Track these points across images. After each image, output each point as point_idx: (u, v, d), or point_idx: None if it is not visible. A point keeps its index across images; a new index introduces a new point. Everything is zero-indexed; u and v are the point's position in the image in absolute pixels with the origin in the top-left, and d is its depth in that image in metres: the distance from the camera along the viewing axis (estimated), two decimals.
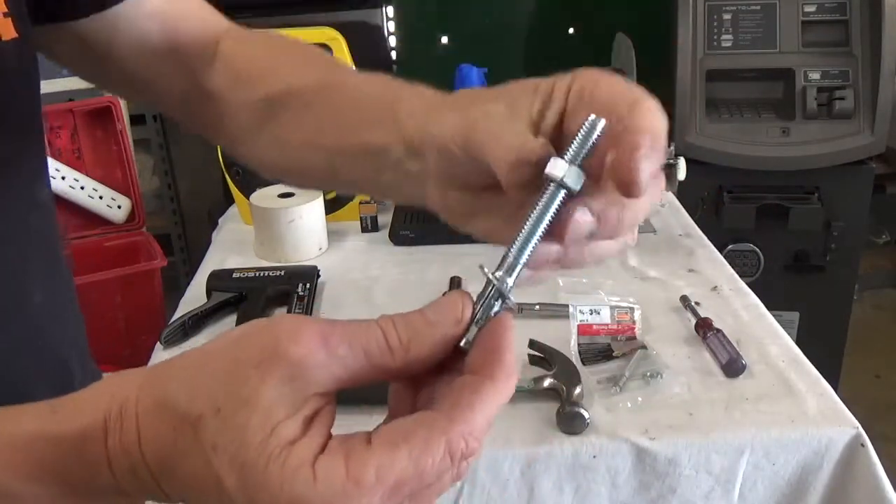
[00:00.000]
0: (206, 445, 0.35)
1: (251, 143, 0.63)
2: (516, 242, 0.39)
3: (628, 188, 0.38)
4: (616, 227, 0.41)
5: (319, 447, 0.35)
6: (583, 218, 0.39)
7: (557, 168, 0.38)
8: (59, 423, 0.38)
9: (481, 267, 0.40)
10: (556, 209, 0.39)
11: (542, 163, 0.39)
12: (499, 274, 0.39)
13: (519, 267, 0.39)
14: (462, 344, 0.38)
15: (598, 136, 0.39)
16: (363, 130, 0.53)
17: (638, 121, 0.39)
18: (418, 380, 0.40)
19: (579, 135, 0.39)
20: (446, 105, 0.47)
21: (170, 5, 0.66)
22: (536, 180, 0.39)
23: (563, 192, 0.38)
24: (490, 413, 0.36)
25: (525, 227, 0.39)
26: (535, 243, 0.39)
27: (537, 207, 0.39)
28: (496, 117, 0.42)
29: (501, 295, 0.39)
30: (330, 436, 0.36)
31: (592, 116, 0.39)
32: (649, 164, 0.38)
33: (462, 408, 0.36)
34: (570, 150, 0.39)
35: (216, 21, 0.69)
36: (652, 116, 0.40)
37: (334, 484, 0.34)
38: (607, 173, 0.39)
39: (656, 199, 0.42)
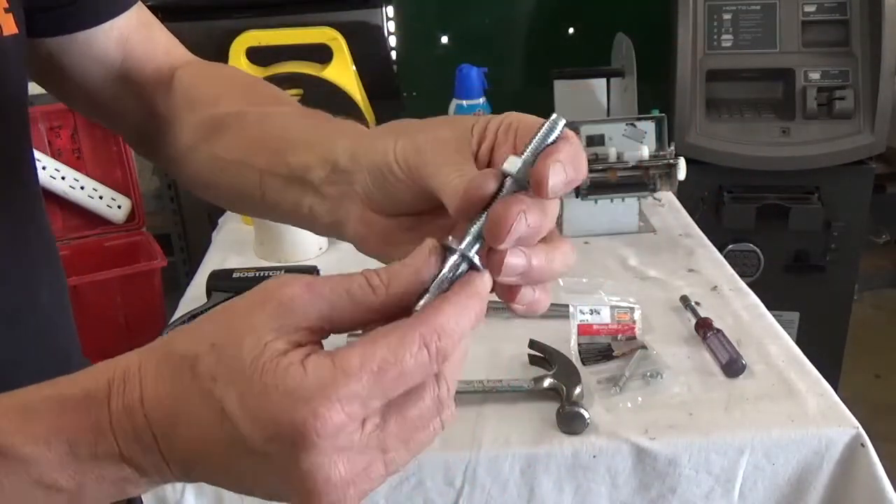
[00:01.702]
0: (204, 381, 0.38)
1: (191, 161, 0.65)
2: (477, 222, 0.41)
3: (540, 186, 0.40)
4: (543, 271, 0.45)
5: (307, 353, 0.38)
6: (515, 259, 0.43)
7: (512, 164, 0.40)
8: (64, 388, 0.40)
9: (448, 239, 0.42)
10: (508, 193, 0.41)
11: (487, 195, 0.41)
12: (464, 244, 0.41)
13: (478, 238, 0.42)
14: (428, 294, 0.41)
15: (558, 135, 0.41)
16: (290, 153, 0.55)
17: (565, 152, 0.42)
18: None
19: (539, 133, 0.41)
20: (385, 131, 0.49)
21: (136, 33, 0.69)
22: (478, 209, 0.42)
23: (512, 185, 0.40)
24: (460, 316, 0.40)
25: (482, 217, 0.41)
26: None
27: (495, 203, 0.40)
28: (448, 145, 0.45)
29: (465, 258, 0.41)
30: None
31: (554, 115, 0.41)
32: (562, 171, 0.40)
33: (432, 309, 0.40)
34: (529, 147, 0.40)
35: (177, 52, 0.72)
36: (569, 139, 0.42)
37: (323, 374, 0.36)
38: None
39: (569, 262, 0.47)
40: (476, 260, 0.42)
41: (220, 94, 0.66)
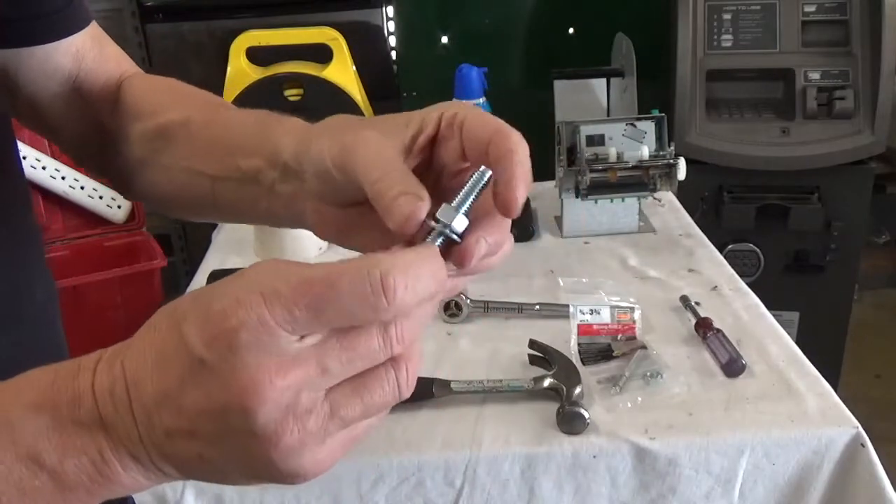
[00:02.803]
0: (177, 319, 0.38)
1: (142, 173, 0.67)
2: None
3: (509, 210, 0.44)
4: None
5: None
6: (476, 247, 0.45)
7: (445, 214, 0.42)
8: (59, 364, 0.41)
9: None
10: (442, 247, 0.43)
11: (416, 237, 0.43)
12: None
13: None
14: None
15: (485, 184, 0.44)
16: (239, 157, 0.57)
17: (507, 146, 0.45)
18: None
19: (468, 183, 0.44)
20: (322, 131, 0.51)
21: (90, 49, 0.70)
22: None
23: (450, 235, 0.43)
24: (413, 261, 0.38)
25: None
26: None
27: (427, 244, 0.43)
28: (370, 142, 0.46)
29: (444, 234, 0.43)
30: None
31: (482, 168, 0.44)
32: (484, 245, 0.44)
33: (382, 253, 0.39)
34: (459, 197, 0.43)
35: (125, 65, 0.73)
36: (522, 145, 0.46)
37: (258, 270, 0.38)
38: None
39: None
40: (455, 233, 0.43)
41: (163, 103, 0.67)
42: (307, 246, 1.42)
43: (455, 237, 0.42)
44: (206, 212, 0.64)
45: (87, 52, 0.69)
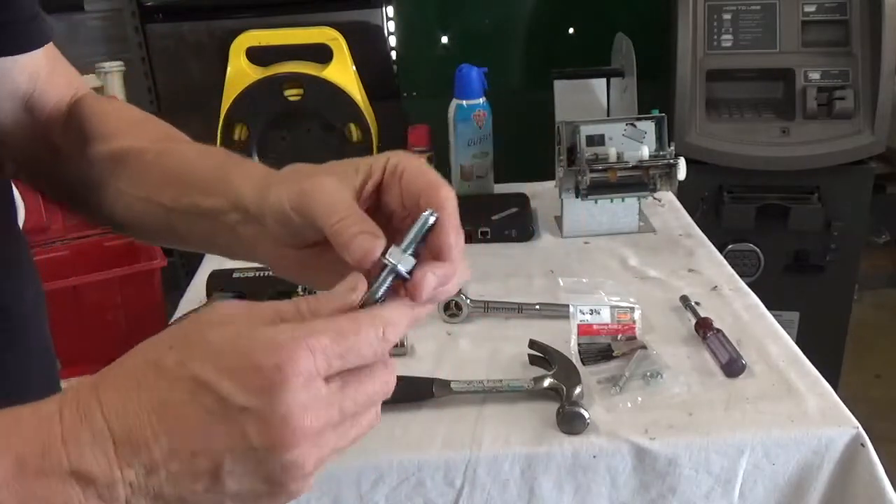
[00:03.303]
0: (171, 370, 0.41)
1: (97, 196, 0.68)
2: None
3: (415, 293, 0.48)
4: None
5: (276, 323, 0.43)
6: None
7: (393, 255, 0.47)
8: (18, 409, 0.42)
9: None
10: (388, 287, 0.48)
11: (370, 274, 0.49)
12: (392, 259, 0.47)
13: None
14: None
15: (430, 226, 0.49)
16: (197, 194, 0.60)
17: (437, 201, 0.51)
18: None
19: (414, 227, 0.49)
20: (280, 179, 0.55)
21: (45, 67, 0.70)
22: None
23: (395, 276, 0.47)
24: (403, 314, 0.45)
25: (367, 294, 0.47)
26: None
27: (376, 288, 0.47)
28: (327, 187, 0.51)
29: (395, 273, 0.47)
30: None
31: (427, 211, 0.49)
32: (434, 279, 0.48)
33: (379, 306, 0.46)
34: (406, 239, 0.48)
35: (76, 84, 0.74)
36: (450, 198, 0.51)
37: (294, 328, 0.42)
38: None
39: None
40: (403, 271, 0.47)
41: (118, 128, 0.69)
42: None
43: (404, 274, 0.47)
44: (167, 239, 0.66)
45: (42, 71, 0.70)
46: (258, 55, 1.53)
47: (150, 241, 0.71)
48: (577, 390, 0.96)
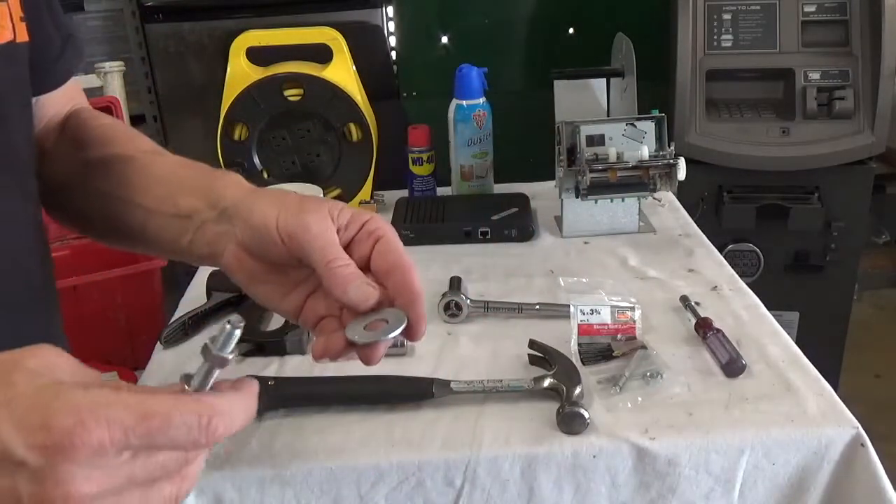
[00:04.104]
0: None
1: (74, 196, 0.72)
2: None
3: (414, 337, 0.59)
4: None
5: (89, 384, 0.41)
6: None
7: (352, 332, 0.59)
8: None
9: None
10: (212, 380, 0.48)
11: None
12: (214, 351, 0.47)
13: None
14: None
15: (399, 332, 0.58)
16: (179, 196, 0.64)
17: (409, 286, 0.59)
18: None
19: (384, 328, 0.58)
20: (266, 196, 0.61)
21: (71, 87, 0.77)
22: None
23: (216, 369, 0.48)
24: (235, 405, 0.44)
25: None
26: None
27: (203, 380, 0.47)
28: (322, 227, 0.58)
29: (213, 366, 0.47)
30: None
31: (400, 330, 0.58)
32: (424, 322, 0.59)
33: (211, 394, 0.45)
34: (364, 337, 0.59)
35: (77, 98, 0.80)
36: (416, 282, 0.59)
37: (100, 396, 0.40)
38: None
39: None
40: (230, 356, 0.47)
41: (110, 137, 0.73)
42: None
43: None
44: (132, 241, 0.70)
45: (73, 92, 0.77)
46: (258, 55, 1.53)
47: (112, 241, 0.74)
48: (577, 390, 0.96)
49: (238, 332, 0.46)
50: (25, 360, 0.41)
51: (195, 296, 1.30)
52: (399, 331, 0.57)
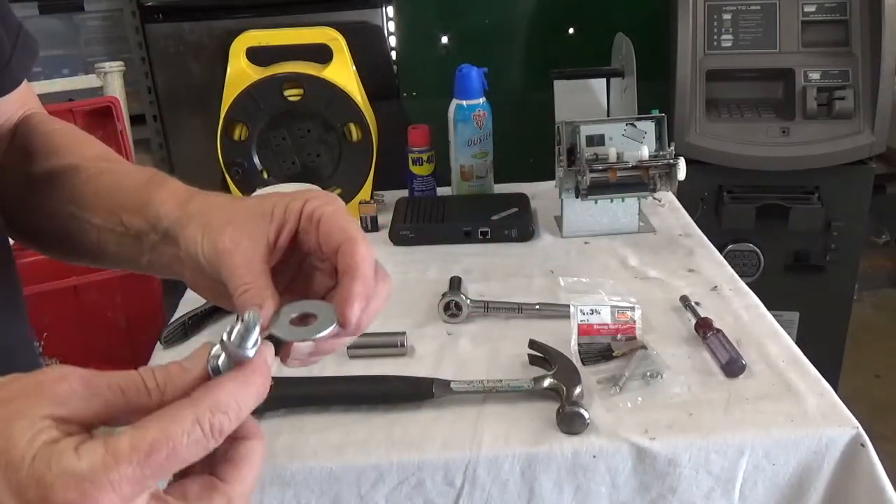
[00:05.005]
0: None
1: (29, 213, 0.69)
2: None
3: (345, 324, 0.50)
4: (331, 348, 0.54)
5: (80, 441, 0.38)
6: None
7: (281, 331, 0.50)
8: None
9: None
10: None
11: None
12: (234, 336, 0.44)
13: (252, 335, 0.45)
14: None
15: (327, 333, 0.51)
16: (124, 213, 0.61)
17: (354, 259, 0.51)
18: None
19: (307, 327, 0.51)
20: (199, 216, 0.56)
21: (23, 91, 0.73)
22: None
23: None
24: (236, 393, 0.42)
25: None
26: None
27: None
28: (240, 248, 0.53)
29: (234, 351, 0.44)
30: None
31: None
32: (360, 305, 0.50)
33: (204, 388, 0.42)
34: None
35: (30, 103, 0.75)
36: (364, 255, 0.52)
37: (95, 458, 0.37)
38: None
39: (369, 322, 0.54)
40: (250, 352, 0.44)
41: (58, 146, 0.69)
42: None
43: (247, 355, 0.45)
44: (87, 257, 0.67)
45: (30, 95, 0.73)
46: (258, 55, 1.53)
47: (75, 259, 0.71)
48: (577, 390, 0.96)
49: (257, 329, 0.44)
50: (35, 399, 0.39)
51: (195, 296, 1.29)
52: (326, 332, 0.51)
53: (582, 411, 0.92)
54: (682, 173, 1.37)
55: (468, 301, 1.18)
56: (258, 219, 0.54)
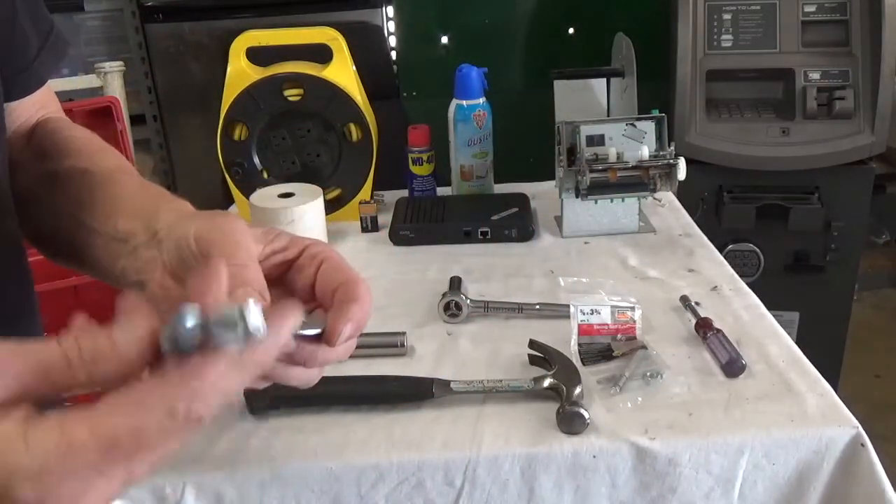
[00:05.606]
0: None
1: (33, 209, 0.69)
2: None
3: (330, 340, 0.51)
4: (312, 360, 0.54)
5: (24, 419, 0.35)
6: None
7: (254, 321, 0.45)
8: None
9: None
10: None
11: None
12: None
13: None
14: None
15: (312, 334, 0.52)
16: (120, 218, 0.61)
17: (355, 294, 0.53)
18: None
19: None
20: (202, 217, 0.57)
21: (48, 93, 0.74)
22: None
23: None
24: (213, 379, 0.37)
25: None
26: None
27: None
28: (239, 231, 0.53)
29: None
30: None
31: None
32: (350, 330, 0.51)
33: (179, 372, 0.37)
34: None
35: (50, 105, 0.77)
36: (365, 293, 0.53)
37: (48, 448, 0.34)
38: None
39: (346, 354, 0.55)
40: (238, 342, 0.40)
41: (75, 150, 0.70)
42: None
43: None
44: (74, 259, 0.67)
45: (49, 97, 0.73)
46: (258, 55, 1.53)
47: (62, 262, 0.70)
48: (577, 390, 0.96)
49: (251, 317, 0.41)
50: None
51: None
52: (310, 332, 0.51)
53: (582, 411, 0.92)
54: (682, 173, 1.37)
55: (468, 301, 1.18)
56: (262, 232, 0.56)
